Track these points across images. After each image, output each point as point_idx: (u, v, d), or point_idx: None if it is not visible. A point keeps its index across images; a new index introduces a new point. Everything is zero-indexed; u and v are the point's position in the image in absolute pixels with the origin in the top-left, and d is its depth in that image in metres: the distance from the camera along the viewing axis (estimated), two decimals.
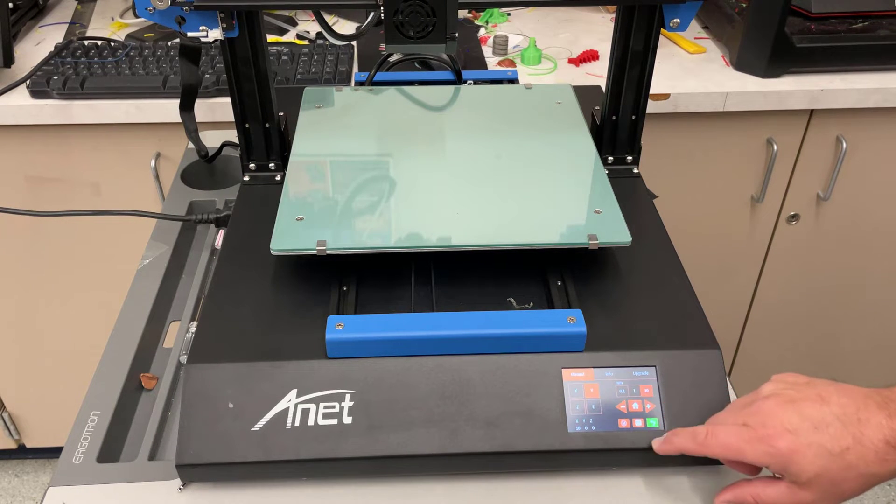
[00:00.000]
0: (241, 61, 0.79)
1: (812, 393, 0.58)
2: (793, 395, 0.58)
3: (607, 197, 0.75)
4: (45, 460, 1.85)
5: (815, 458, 0.55)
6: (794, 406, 0.57)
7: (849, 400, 0.56)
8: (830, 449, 0.55)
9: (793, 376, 0.61)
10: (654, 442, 0.62)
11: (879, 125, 1.33)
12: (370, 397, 0.63)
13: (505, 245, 0.70)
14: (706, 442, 0.59)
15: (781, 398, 0.58)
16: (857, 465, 0.54)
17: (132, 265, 0.86)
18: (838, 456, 0.55)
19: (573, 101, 0.92)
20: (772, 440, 0.56)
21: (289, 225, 0.72)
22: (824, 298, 1.59)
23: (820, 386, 0.58)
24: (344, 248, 0.69)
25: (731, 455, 0.58)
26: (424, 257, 0.75)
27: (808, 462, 0.55)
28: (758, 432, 0.57)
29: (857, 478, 0.55)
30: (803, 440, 0.55)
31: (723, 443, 0.58)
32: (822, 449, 0.55)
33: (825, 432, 0.55)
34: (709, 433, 0.59)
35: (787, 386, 0.59)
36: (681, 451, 0.60)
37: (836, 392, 0.57)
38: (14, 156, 1.29)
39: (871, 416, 0.55)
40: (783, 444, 0.55)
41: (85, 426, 0.68)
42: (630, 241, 0.70)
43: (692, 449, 0.60)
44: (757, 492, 0.59)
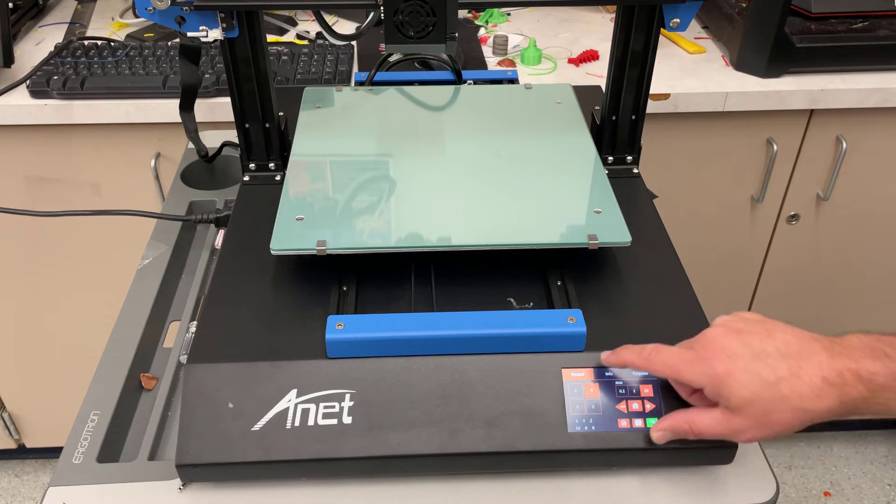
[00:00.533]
0: (241, 61, 0.79)
1: (760, 328, 0.59)
2: (740, 327, 0.60)
3: (607, 197, 0.75)
4: (45, 460, 1.85)
5: (748, 382, 0.56)
6: (739, 335, 0.59)
7: (793, 337, 0.58)
8: (765, 377, 0.56)
9: (750, 314, 0.62)
10: (602, 355, 0.64)
11: (879, 125, 1.33)
12: (370, 397, 0.63)
13: (505, 245, 0.70)
14: (650, 357, 0.61)
15: (728, 328, 0.60)
16: (790, 397, 0.56)
17: (132, 265, 0.86)
18: (772, 385, 0.56)
19: (573, 101, 0.92)
20: (710, 361, 0.58)
21: (289, 225, 0.72)
22: (824, 298, 1.59)
23: (771, 323, 0.60)
24: (344, 248, 0.69)
25: (670, 373, 0.60)
26: (424, 257, 0.75)
27: (740, 386, 0.56)
28: (698, 353, 0.59)
29: (790, 410, 0.56)
30: (740, 365, 0.57)
31: (665, 360, 0.60)
32: (756, 376, 0.56)
33: (763, 362, 0.57)
34: (654, 350, 0.61)
35: (738, 319, 0.61)
36: (625, 363, 0.62)
37: (784, 330, 0.59)
38: (14, 156, 1.29)
39: (812, 354, 0.57)
40: (720, 366, 0.57)
41: (85, 426, 0.68)
42: (630, 241, 0.70)
43: (636, 363, 0.62)
44: (692, 418, 0.60)
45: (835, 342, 0.58)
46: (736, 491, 0.64)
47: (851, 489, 1.79)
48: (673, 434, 0.61)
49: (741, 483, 0.64)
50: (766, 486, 0.64)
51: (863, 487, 1.79)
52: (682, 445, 0.63)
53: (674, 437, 0.61)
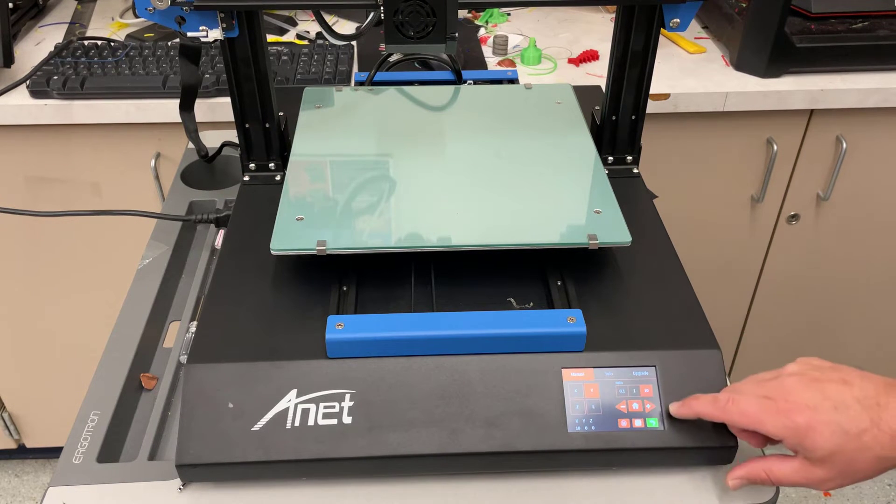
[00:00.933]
0: (241, 61, 0.79)
1: (835, 376, 0.59)
2: (817, 376, 0.59)
3: (607, 197, 0.75)
4: (45, 460, 1.85)
5: (831, 435, 0.56)
6: (817, 385, 0.58)
7: (871, 385, 0.57)
8: (847, 429, 0.56)
9: (818, 360, 0.62)
10: (671, 406, 0.63)
11: (879, 125, 1.33)
12: (370, 397, 0.63)
13: (505, 245, 0.70)
14: (727, 408, 0.59)
15: (805, 377, 0.59)
16: (872, 448, 0.55)
17: (132, 265, 0.86)
18: (855, 437, 0.55)
19: (573, 101, 0.92)
20: (791, 414, 0.57)
21: (289, 225, 0.72)
22: (824, 298, 1.59)
23: (844, 370, 0.59)
24: (344, 248, 0.69)
25: (750, 424, 0.59)
26: (424, 257, 0.75)
27: (823, 439, 0.56)
28: (778, 405, 0.58)
29: (872, 460, 0.56)
30: (822, 417, 0.56)
31: (743, 410, 0.59)
32: (839, 428, 0.56)
33: (844, 413, 0.56)
34: (730, 400, 0.60)
35: (811, 367, 0.61)
36: (699, 415, 0.61)
37: (860, 377, 0.58)
38: (14, 156, 1.29)
39: (890, 402, 0.56)
40: (802, 418, 0.56)
41: (85, 426, 0.68)
42: (630, 241, 0.70)
43: (711, 413, 0.60)
44: (770, 467, 0.59)
45: None
46: (736, 491, 0.64)
47: (851, 489, 1.79)
48: (749, 482, 0.61)
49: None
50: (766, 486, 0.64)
51: (863, 487, 1.79)
52: (682, 445, 0.63)
53: (749, 484, 0.61)
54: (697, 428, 0.63)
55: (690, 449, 0.63)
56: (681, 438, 0.63)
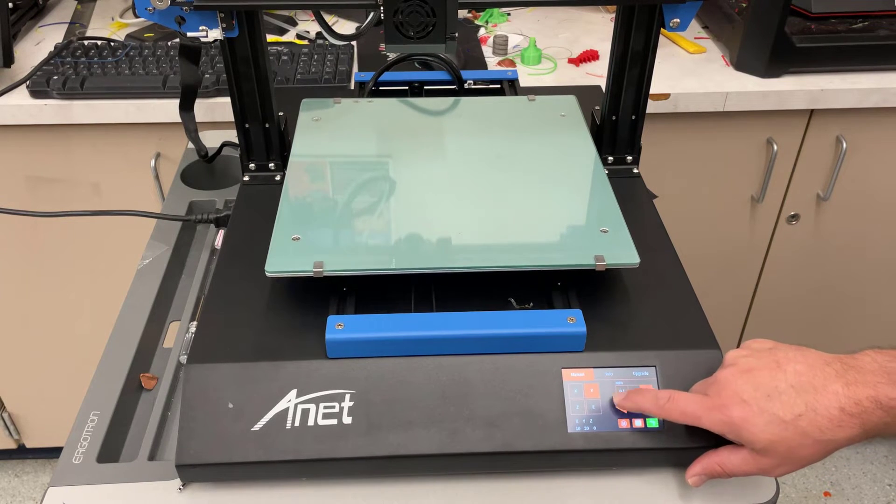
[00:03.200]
0: (241, 61, 0.79)
1: (770, 361, 0.59)
2: (750, 364, 0.59)
3: (614, 215, 0.73)
4: (45, 460, 1.85)
5: (766, 425, 0.56)
6: (749, 375, 0.58)
7: (805, 367, 0.57)
8: (782, 416, 0.56)
9: (760, 342, 0.62)
10: (615, 395, 0.63)
11: (879, 125, 1.33)
12: (370, 397, 0.63)
13: (510, 267, 0.68)
14: (666, 406, 0.60)
15: (738, 367, 0.59)
16: (810, 432, 0.55)
17: (132, 265, 0.86)
18: (790, 423, 0.56)
19: (577, 113, 0.90)
20: (725, 409, 0.57)
21: (284, 245, 0.69)
22: (824, 298, 1.59)
23: (781, 352, 0.59)
24: (341, 270, 0.67)
25: (689, 421, 0.60)
26: (425, 278, 0.73)
27: (759, 430, 0.56)
28: (714, 401, 0.58)
29: (814, 444, 0.56)
30: (755, 408, 0.56)
31: (682, 409, 0.60)
32: (773, 417, 0.56)
33: (777, 400, 0.56)
34: (671, 398, 0.60)
35: (748, 353, 0.61)
36: (640, 409, 0.62)
37: (795, 359, 0.58)
38: (14, 156, 1.29)
39: (827, 384, 0.56)
40: (736, 412, 0.57)
41: (85, 426, 0.68)
42: (638, 263, 0.68)
43: (652, 410, 0.61)
44: (722, 460, 0.60)
45: (848, 366, 0.57)
46: (736, 491, 0.64)
47: (851, 489, 1.79)
48: (707, 476, 0.61)
49: (741, 483, 0.64)
50: (766, 486, 0.64)
51: (863, 487, 1.79)
52: (682, 446, 0.63)
53: (708, 479, 0.62)
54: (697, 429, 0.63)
55: (690, 449, 0.63)
56: (680, 439, 0.63)
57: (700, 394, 0.61)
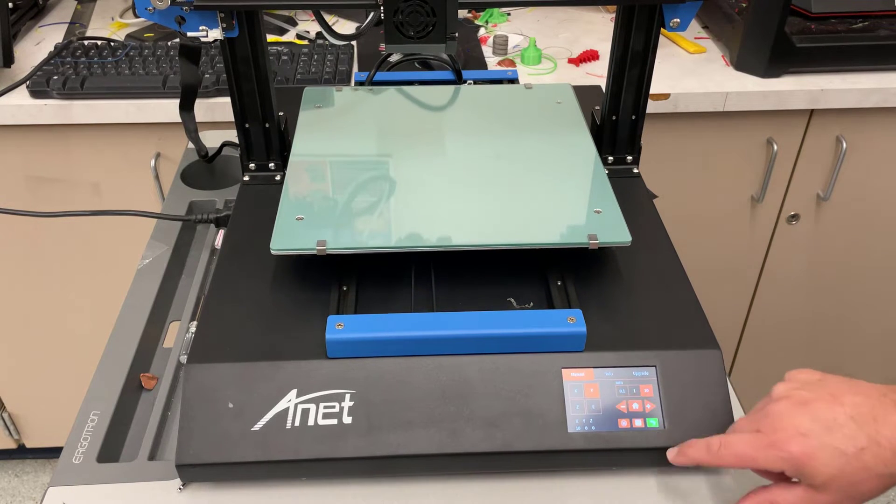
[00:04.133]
0: (241, 61, 0.79)
1: (824, 392, 0.56)
2: (804, 397, 0.57)
3: (607, 197, 0.75)
4: (45, 460, 1.85)
5: (829, 460, 0.53)
6: (806, 408, 0.56)
7: (863, 399, 0.55)
8: (845, 450, 0.53)
9: (806, 373, 0.59)
10: (668, 453, 0.62)
11: (879, 125, 1.33)
12: (370, 397, 0.63)
13: (505, 245, 0.70)
14: (720, 453, 0.58)
15: (792, 400, 0.57)
16: (873, 466, 0.53)
17: (132, 265, 0.86)
18: (853, 457, 0.53)
19: (573, 101, 0.92)
20: (784, 445, 0.55)
21: (289, 225, 0.72)
22: (824, 298, 1.59)
23: (833, 384, 0.57)
24: (344, 248, 0.69)
25: (746, 464, 0.57)
26: (424, 257, 0.75)
27: (822, 465, 0.54)
28: (769, 438, 0.56)
29: (875, 478, 0.54)
30: (816, 443, 0.54)
31: (736, 452, 0.57)
32: (836, 451, 0.53)
33: (839, 433, 0.54)
34: (722, 444, 0.58)
35: (798, 385, 0.58)
36: (696, 462, 0.60)
37: (850, 391, 0.56)
38: (14, 156, 1.29)
39: (887, 415, 0.54)
40: (796, 448, 0.54)
41: (85, 426, 0.68)
42: (630, 241, 0.70)
43: (706, 460, 0.59)
44: (775, 498, 0.57)
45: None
46: (736, 491, 0.64)
47: None
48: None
49: (741, 483, 0.64)
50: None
51: None
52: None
53: None
54: (697, 428, 0.63)
55: None
56: (681, 438, 0.63)
57: (750, 432, 0.58)
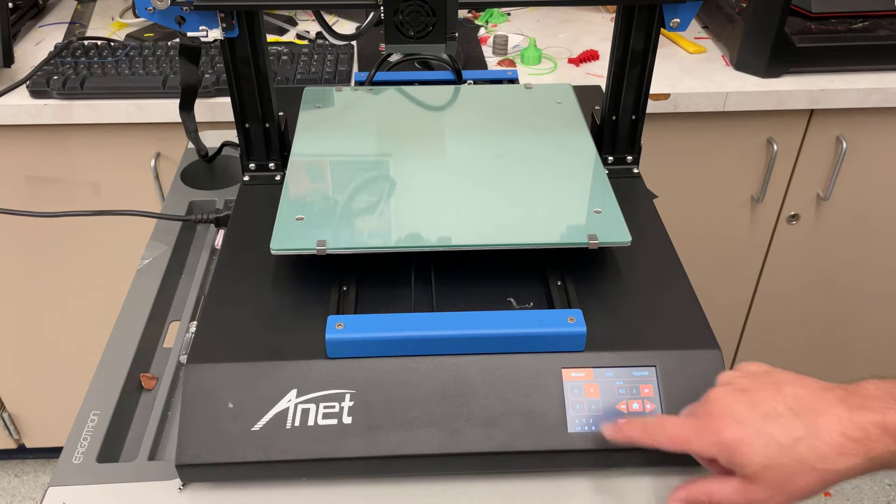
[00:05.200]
0: (241, 61, 0.79)
1: (767, 382, 0.55)
2: (745, 385, 0.56)
3: (607, 197, 0.75)
4: (45, 460, 1.85)
5: (762, 448, 0.52)
6: (745, 395, 0.55)
7: (805, 391, 0.54)
8: (779, 439, 0.52)
9: (754, 365, 0.58)
10: (604, 428, 0.60)
11: (879, 125, 1.33)
12: (370, 397, 0.63)
13: (505, 245, 0.70)
14: (654, 433, 0.57)
15: (733, 387, 0.56)
16: (808, 458, 0.51)
17: (132, 265, 0.86)
18: (788, 447, 0.52)
19: (573, 100, 0.92)
20: (718, 430, 0.54)
21: (289, 225, 0.72)
22: (824, 298, 1.59)
23: (778, 375, 0.56)
24: (344, 248, 0.69)
25: (680, 446, 0.56)
26: (424, 257, 0.75)
27: (754, 452, 0.52)
28: (704, 422, 0.55)
29: (811, 472, 0.52)
30: (751, 430, 0.53)
31: (670, 434, 0.56)
32: (770, 439, 0.52)
33: (775, 423, 0.52)
34: (657, 423, 0.57)
35: (743, 375, 0.57)
36: (631, 440, 0.58)
37: (793, 383, 0.55)
38: (14, 156, 1.29)
39: (827, 408, 0.52)
40: (729, 433, 0.53)
41: (85, 426, 0.68)
42: (630, 241, 0.70)
43: (641, 439, 0.57)
44: (709, 489, 0.56)
45: (850, 392, 0.53)
46: None
47: (851, 489, 1.79)
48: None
49: None
50: None
51: (863, 487, 1.79)
52: None
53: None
54: None
55: None
56: None
57: (687, 416, 0.57)
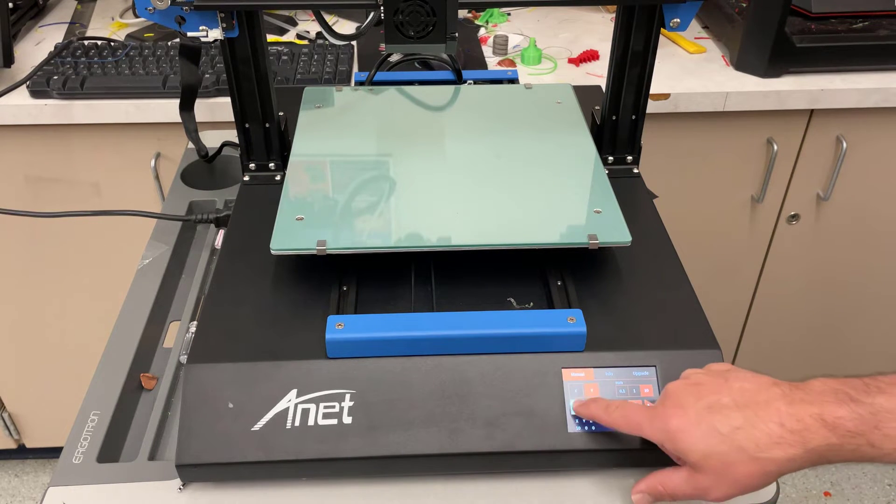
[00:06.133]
0: (241, 61, 0.79)
1: (718, 377, 0.58)
2: (699, 379, 0.59)
3: (607, 197, 0.75)
4: (45, 460, 1.85)
5: (702, 436, 0.55)
6: (695, 388, 0.58)
7: (751, 385, 0.57)
8: (719, 429, 0.55)
9: (719, 365, 0.61)
10: (574, 402, 0.63)
11: (879, 125, 1.33)
12: (370, 397, 0.63)
13: (505, 245, 0.70)
14: (612, 414, 0.60)
15: (688, 381, 0.59)
16: (747, 447, 0.54)
17: (132, 265, 0.86)
18: (727, 436, 0.54)
19: (573, 100, 0.92)
20: (665, 418, 0.57)
21: (289, 224, 0.72)
22: (824, 298, 1.59)
23: (732, 373, 0.59)
24: (344, 248, 0.69)
25: (632, 430, 0.60)
26: (424, 257, 0.75)
27: (694, 440, 0.55)
28: (656, 410, 0.58)
29: (750, 461, 0.54)
30: (693, 419, 0.56)
31: (626, 416, 0.60)
32: (710, 428, 0.55)
33: (718, 414, 0.55)
34: (618, 406, 0.61)
35: (703, 372, 0.61)
36: (593, 418, 0.62)
37: (743, 378, 0.58)
38: (14, 156, 1.29)
39: (770, 401, 0.55)
40: (674, 421, 0.56)
41: (85, 426, 0.68)
42: (630, 241, 0.70)
43: (602, 418, 0.61)
44: (664, 479, 0.59)
45: (795, 388, 0.56)
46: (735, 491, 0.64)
47: (851, 489, 1.79)
48: (651, 497, 0.60)
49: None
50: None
51: (863, 487, 1.79)
52: None
53: (652, 500, 0.61)
54: None
55: None
56: None
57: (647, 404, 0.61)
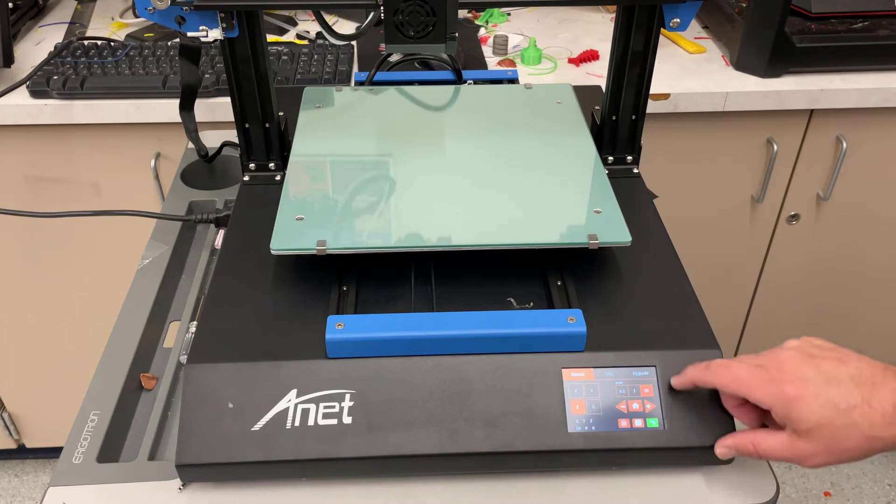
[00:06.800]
0: (241, 61, 0.79)
1: (833, 354, 0.59)
2: (813, 352, 0.60)
3: (607, 197, 0.75)
4: (45, 460, 1.85)
5: (819, 408, 0.56)
6: (812, 360, 0.58)
7: (867, 365, 0.58)
8: (837, 403, 0.56)
9: (820, 340, 0.62)
10: (672, 378, 0.63)
11: (879, 125, 1.33)
12: (370, 397, 0.63)
13: (505, 245, 0.70)
14: (717, 371, 0.60)
15: (801, 352, 0.60)
16: (860, 425, 0.55)
17: (132, 265, 0.86)
18: (843, 412, 0.55)
19: (573, 100, 0.92)
20: (782, 383, 0.57)
21: (289, 225, 0.72)
22: (824, 298, 1.59)
23: (843, 351, 0.60)
24: (344, 248, 0.69)
25: (740, 389, 0.59)
26: (424, 257, 0.75)
27: (811, 411, 0.56)
28: (770, 373, 0.58)
29: (860, 437, 0.56)
30: (812, 390, 0.56)
31: (734, 375, 0.60)
32: (828, 401, 0.56)
33: (836, 388, 0.56)
34: (721, 364, 0.61)
35: (810, 344, 0.61)
36: (693, 381, 0.62)
37: (858, 358, 0.59)
38: (14, 156, 1.29)
39: (886, 381, 0.56)
40: (791, 389, 0.57)
41: (85, 426, 0.68)
42: (630, 241, 0.70)
43: (703, 378, 0.61)
44: (757, 439, 0.60)
45: None
46: (736, 491, 0.64)
47: (851, 489, 1.79)
48: (737, 452, 0.61)
49: (741, 483, 0.64)
50: (766, 486, 0.64)
51: (863, 487, 1.79)
52: (682, 445, 0.63)
53: (737, 454, 0.61)
54: (697, 428, 0.63)
55: (690, 449, 0.63)
56: (681, 438, 0.63)
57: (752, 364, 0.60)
